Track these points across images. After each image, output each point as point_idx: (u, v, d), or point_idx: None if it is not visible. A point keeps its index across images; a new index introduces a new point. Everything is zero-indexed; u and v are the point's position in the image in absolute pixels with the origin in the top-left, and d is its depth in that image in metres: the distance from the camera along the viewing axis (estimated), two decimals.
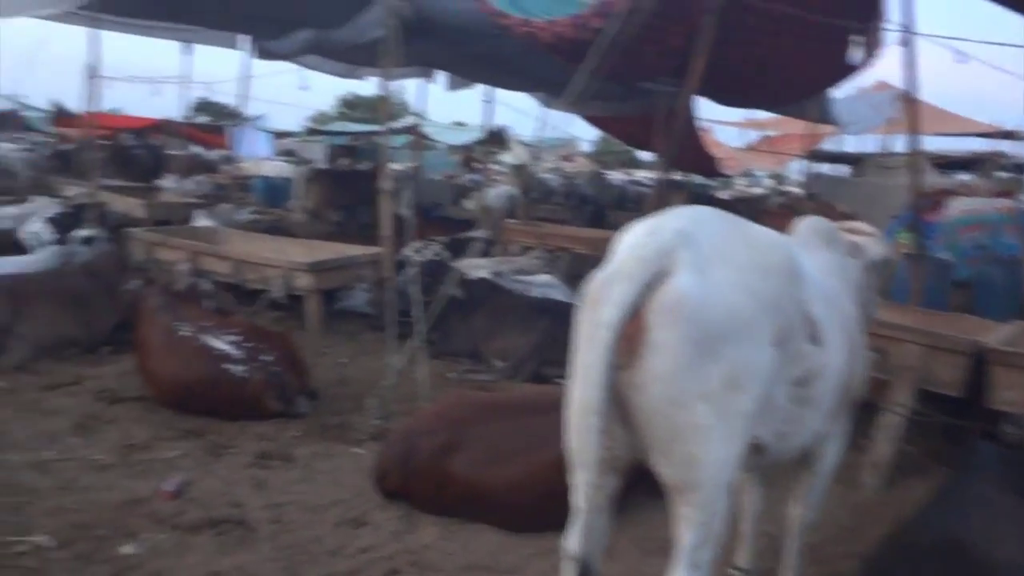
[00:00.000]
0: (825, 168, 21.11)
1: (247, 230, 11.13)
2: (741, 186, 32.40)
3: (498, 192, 20.97)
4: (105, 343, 6.95)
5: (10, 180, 14.88)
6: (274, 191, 21.80)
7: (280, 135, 34.22)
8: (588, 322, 2.33)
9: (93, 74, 10.86)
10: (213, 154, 28.22)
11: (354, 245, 8.99)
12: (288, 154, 32.57)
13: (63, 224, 11.51)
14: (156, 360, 5.64)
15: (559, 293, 8.74)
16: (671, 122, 18.95)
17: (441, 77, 18.45)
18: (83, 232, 8.36)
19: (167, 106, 23.27)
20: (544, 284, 8.90)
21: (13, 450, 4.76)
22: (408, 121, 30.44)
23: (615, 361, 2.25)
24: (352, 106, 46.88)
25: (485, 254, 10.89)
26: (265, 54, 15.45)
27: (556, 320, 7.41)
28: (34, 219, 11.64)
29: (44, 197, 12.88)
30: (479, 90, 18.96)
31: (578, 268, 11.56)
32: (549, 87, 16.66)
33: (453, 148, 32.28)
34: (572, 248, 11.95)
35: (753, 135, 26.20)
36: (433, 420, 4.26)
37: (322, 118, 46.05)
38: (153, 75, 17.17)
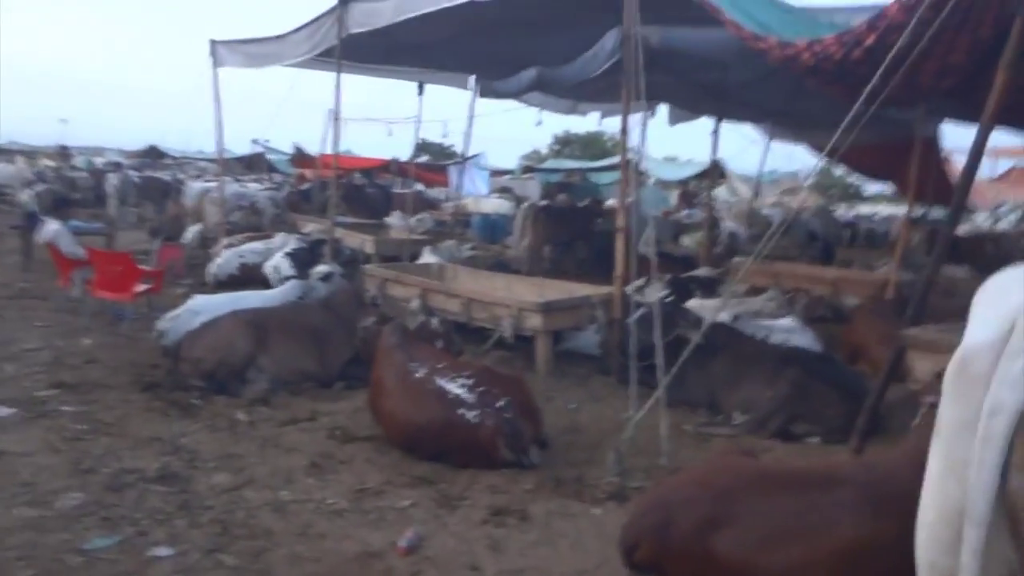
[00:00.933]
0: None
1: (468, 266, 11.17)
2: (982, 220, 29.31)
3: (719, 228, 20.11)
4: (339, 378, 6.99)
5: (257, 218, 15.91)
6: (492, 227, 22.14)
7: (497, 173, 35.11)
8: (965, 402, 1.75)
9: (335, 116, 11.35)
10: (435, 192, 29.26)
11: (583, 284, 8.64)
12: (504, 191, 33.27)
13: (301, 259, 12.06)
14: (390, 400, 5.51)
15: (803, 339, 7.93)
16: (922, 151, 17.38)
17: (663, 111, 18.06)
18: (321, 267, 8.55)
19: (397, 146, 24.28)
20: (786, 329, 8.12)
21: (252, 486, 4.73)
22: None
23: (1012, 460, 1.65)
24: (565, 143, 47.47)
25: (712, 294, 10.22)
26: (491, 93, 15.71)
27: (805, 371, 6.67)
28: (276, 254, 12.32)
29: (284, 234, 13.57)
30: (698, 124, 18.26)
31: (814, 310, 10.63)
32: (775, 117, 15.71)
33: (667, 183, 31.70)
34: (809, 288, 11.02)
35: (1002, 164, 23.69)
36: (694, 488, 3.72)
37: (536, 156, 46.95)
38: (388, 116, 17.88)
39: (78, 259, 9.25)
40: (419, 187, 31.67)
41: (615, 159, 31.96)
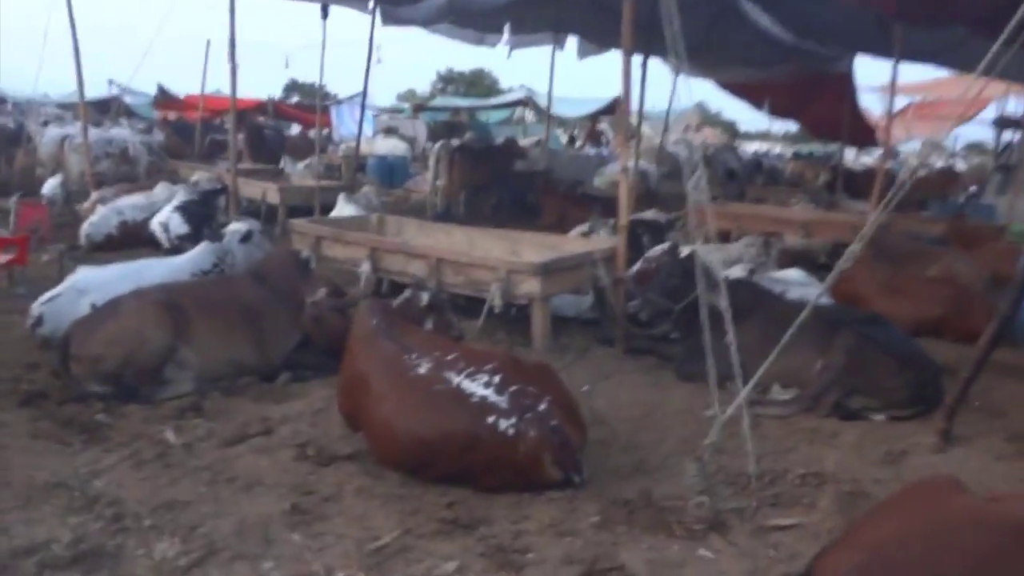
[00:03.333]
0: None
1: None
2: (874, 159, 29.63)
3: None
4: (284, 368, 5.46)
5: (130, 167, 13.74)
6: (389, 170, 20.44)
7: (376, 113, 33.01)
8: None
9: (231, 43, 9.47)
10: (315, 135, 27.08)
11: (569, 238, 7.31)
12: (390, 132, 31.27)
13: (194, 214, 10.24)
14: (383, 407, 4.06)
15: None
16: (837, 87, 16.65)
17: (572, 43, 16.77)
18: (236, 225, 6.89)
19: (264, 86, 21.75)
20: (799, 283, 7.08)
21: (217, 559, 3.24)
22: (520, 93, 28.72)
23: None
24: (449, 81, 45.44)
25: (661, 240, 9.11)
26: (392, 19, 13.97)
27: (858, 336, 5.62)
28: (163, 209, 10.40)
29: (167, 184, 11.60)
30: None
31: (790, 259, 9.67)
32: (689, 51, 14.62)
33: (565, 120, 30.55)
34: (776, 232, 10.08)
35: (901, 101, 23.68)
36: (929, 550, 2.52)
37: (413, 95, 44.82)
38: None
39: None
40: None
41: (505, 97, 30.47)
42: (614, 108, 26.17)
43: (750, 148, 34.00)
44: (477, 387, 3.92)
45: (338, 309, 5.48)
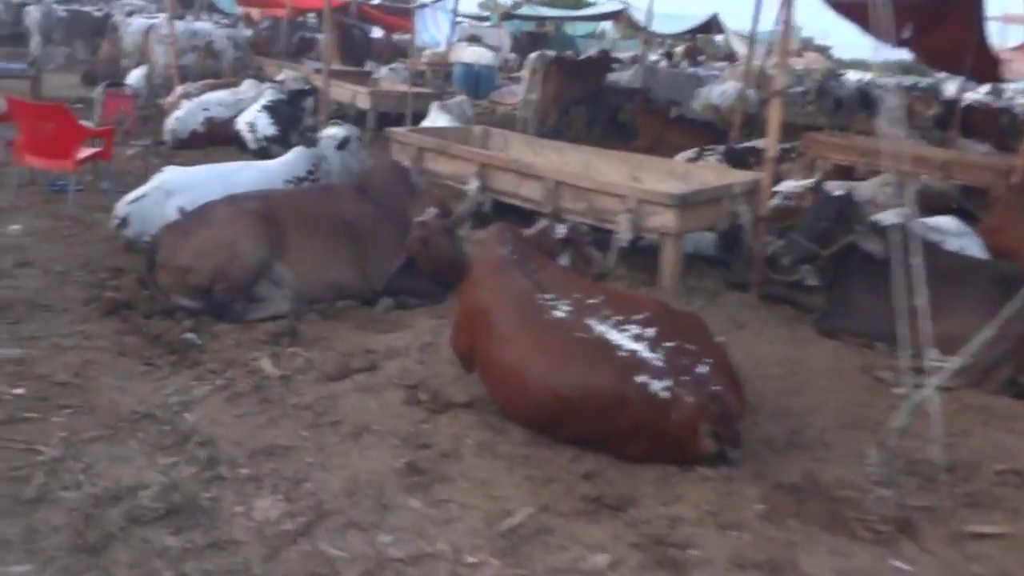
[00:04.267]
0: None
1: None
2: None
3: (724, 90, 17.93)
4: (386, 293, 4.95)
5: (215, 61, 13.24)
6: (475, 79, 19.67)
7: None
8: None
9: None
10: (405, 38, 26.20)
11: (701, 167, 6.56)
12: (473, 40, 30.20)
13: (282, 115, 9.72)
14: (512, 351, 3.50)
15: (976, 246, 6.13)
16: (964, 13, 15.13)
17: None
18: (333, 130, 6.32)
19: None
20: (955, 232, 6.26)
21: (325, 525, 2.76)
22: (612, 5, 27.26)
23: None
24: None
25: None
26: None
27: None
28: (250, 107, 9.90)
29: (253, 81, 11.07)
30: None
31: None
32: None
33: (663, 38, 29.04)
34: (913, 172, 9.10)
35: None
36: None
37: (493, 3, 43.23)
38: None
39: None
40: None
41: (597, 8, 29.07)
42: (710, 26, 24.70)
43: (849, 77, 32.02)
44: (626, 339, 3.33)
45: (448, 230, 4.91)
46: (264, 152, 9.38)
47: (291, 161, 6.04)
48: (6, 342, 3.99)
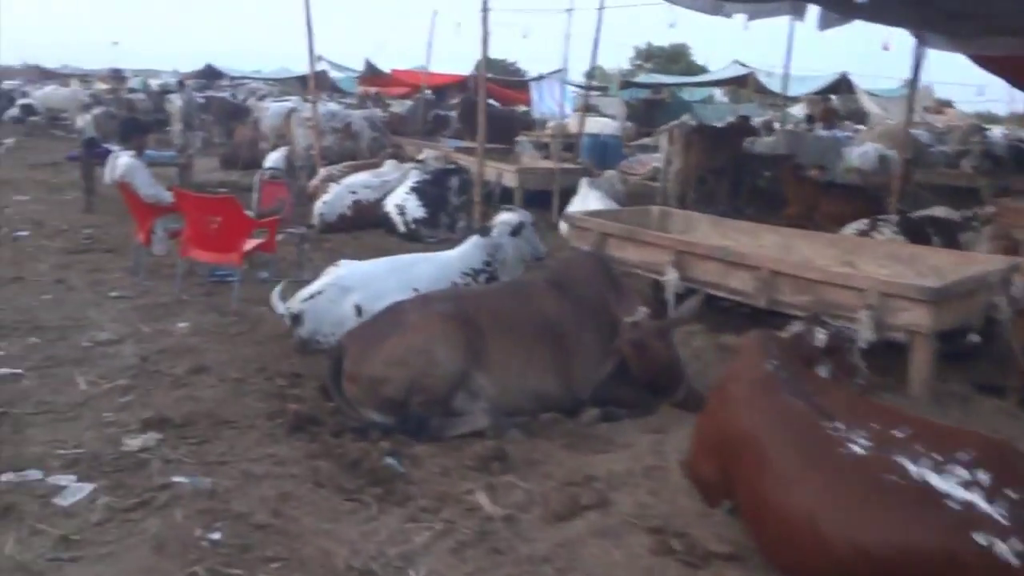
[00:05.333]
0: None
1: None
2: None
3: (864, 151, 16.89)
4: (592, 402, 4.38)
5: (353, 142, 13.27)
6: (603, 150, 19.29)
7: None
8: None
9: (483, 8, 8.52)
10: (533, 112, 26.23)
11: (928, 250, 5.80)
12: (589, 110, 30.06)
13: (430, 196, 9.47)
14: (795, 496, 2.85)
15: None
16: None
17: (813, 14, 14.91)
18: (506, 216, 5.89)
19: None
20: None
21: None
22: (733, 69, 26.58)
23: None
24: (648, 57, 43.52)
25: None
26: None
27: None
28: (397, 189, 9.70)
29: (394, 162, 10.94)
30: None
31: None
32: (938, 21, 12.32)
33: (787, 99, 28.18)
34: None
35: None
36: None
37: (602, 73, 43.33)
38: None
39: (161, 205, 6.69)
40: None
41: (719, 73, 28.39)
42: (840, 86, 23.78)
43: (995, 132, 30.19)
44: (952, 486, 2.64)
45: (663, 333, 4.32)
46: (414, 234, 9.13)
47: (467, 252, 5.63)
48: (194, 469, 3.60)
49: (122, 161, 6.65)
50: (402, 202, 9.26)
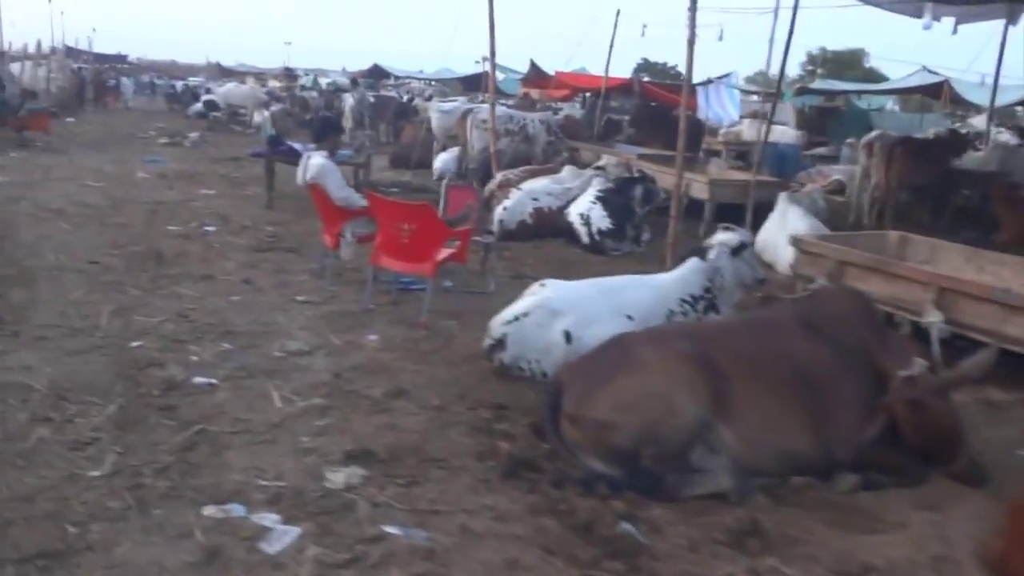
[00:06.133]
0: None
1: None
2: None
3: None
4: (851, 467, 3.69)
5: (528, 146, 12.89)
6: (780, 159, 18.17)
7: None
8: None
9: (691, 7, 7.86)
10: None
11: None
12: (755, 116, 28.71)
13: (615, 206, 8.93)
14: None
15: None
16: None
17: None
18: (725, 235, 5.24)
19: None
20: None
21: None
22: (921, 76, 24.63)
23: None
24: (821, 62, 41.34)
25: None
26: None
27: None
28: (581, 197, 9.21)
29: (572, 168, 10.46)
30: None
31: None
32: None
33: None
34: None
35: None
36: None
37: (763, 78, 41.42)
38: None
39: (352, 208, 6.45)
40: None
41: (906, 81, 26.42)
42: None
43: None
44: None
45: (944, 391, 3.60)
46: (598, 246, 8.62)
47: (685, 276, 5.03)
48: (405, 517, 3.19)
49: (315, 162, 6.44)
50: (586, 211, 8.77)
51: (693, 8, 7.75)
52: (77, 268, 6.81)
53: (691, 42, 7.64)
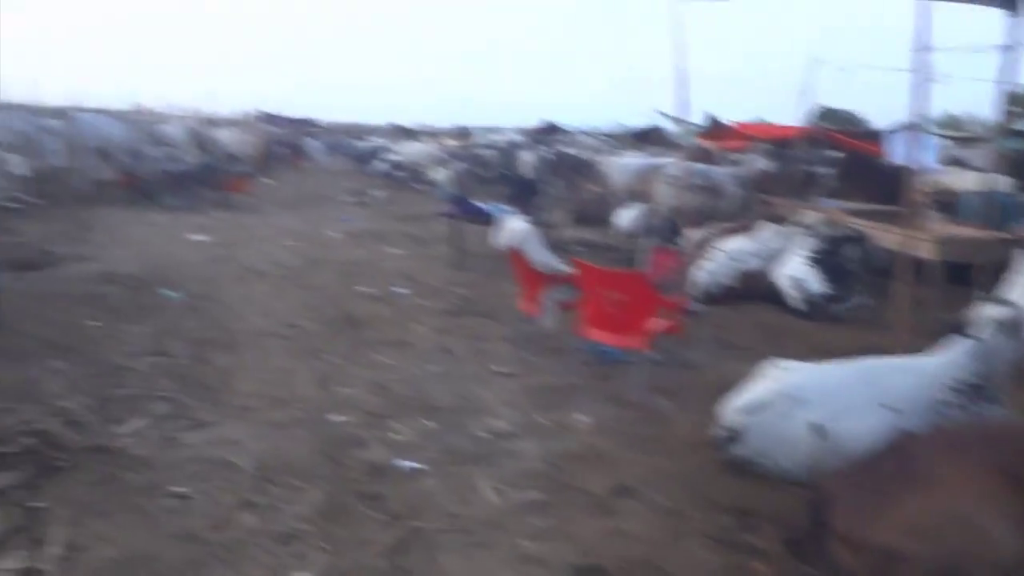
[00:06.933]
0: None
1: None
2: None
3: None
4: None
5: (719, 202, 12.24)
6: (999, 210, 16.44)
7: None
8: None
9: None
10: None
11: None
12: (956, 163, 26.51)
13: (834, 268, 8.13)
14: None
15: None
16: None
17: None
18: (997, 310, 4.42)
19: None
20: None
21: None
22: None
23: None
24: (1021, 102, 37.74)
25: None
26: None
27: None
28: (790, 259, 8.47)
29: (771, 225, 9.70)
30: None
31: None
32: None
33: None
34: None
35: None
36: None
37: (951, 122, 38.46)
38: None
39: (555, 274, 6.07)
40: None
41: None
42: None
43: None
44: None
45: None
46: (813, 312, 7.86)
47: (953, 358, 4.27)
48: None
49: (516, 226, 6.15)
50: (798, 273, 8.03)
51: (921, 49, 6.96)
52: (278, 332, 6.80)
53: (919, 86, 6.85)
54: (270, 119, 41.10)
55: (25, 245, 10.27)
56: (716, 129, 29.20)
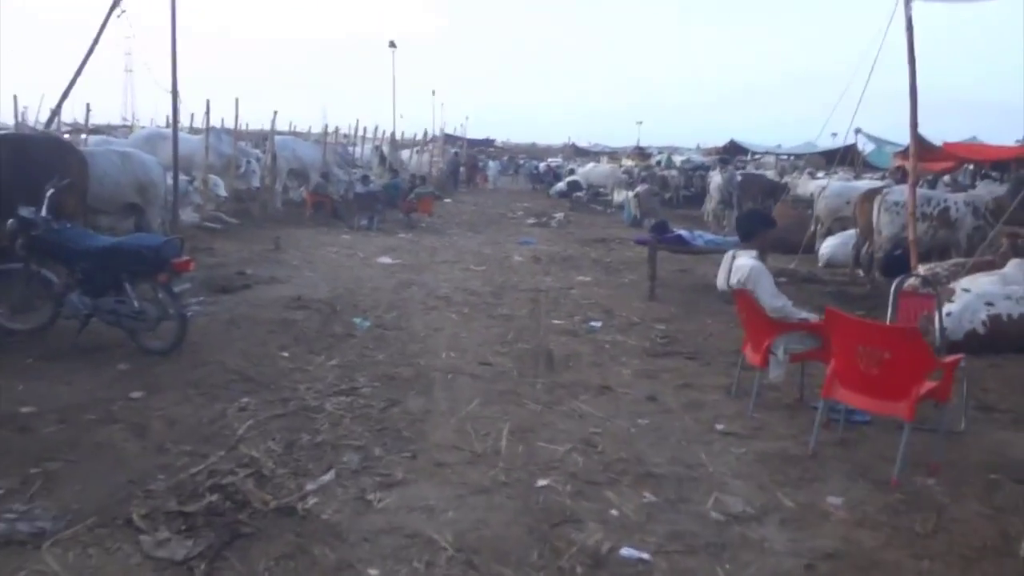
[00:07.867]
0: None
1: None
2: None
3: None
4: None
5: (948, 231, 10.82)
6: None
7: None
8: None
9: None
10: None
11: None
12: None
13: None
14: None
15: None
16: None
17: None
18: None
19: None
20: None
21: None
22: None
23: None
24: None
25: None
26: None
27: None
28: None
29: (1020, 260, 8.32)
30: None
31: None
32: None
33: None
34: None
35: None
36: None
37: None
38: None
39: (788, 321, 5.22)
40: None
41: None
42: None
43: None
44: None
45: None
46: None
47: None
48: None
49: (743, 263, 5.34)
50: None
51: None
52: (469, 371, 6.31)
53: None
54: (452, 140, 41.96)
55: (222, 267, 10.43)
56: (920, 149, 26.78)
